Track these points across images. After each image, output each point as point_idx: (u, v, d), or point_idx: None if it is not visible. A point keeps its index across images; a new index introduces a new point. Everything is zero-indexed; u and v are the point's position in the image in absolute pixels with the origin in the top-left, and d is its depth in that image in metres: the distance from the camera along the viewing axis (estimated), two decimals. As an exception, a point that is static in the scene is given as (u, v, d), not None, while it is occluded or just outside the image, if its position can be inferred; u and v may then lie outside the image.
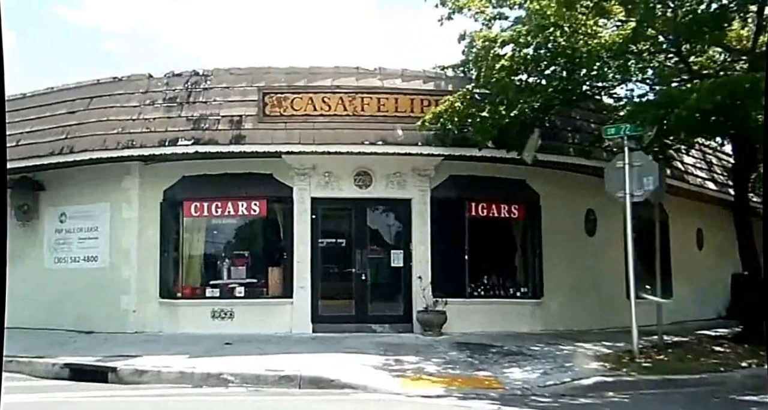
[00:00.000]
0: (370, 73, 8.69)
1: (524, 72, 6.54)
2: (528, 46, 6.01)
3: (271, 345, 7.50)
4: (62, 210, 9.91)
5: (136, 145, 8.52)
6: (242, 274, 8.97)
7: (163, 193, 9.23)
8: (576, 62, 6.08)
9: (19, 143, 9.60)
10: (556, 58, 6.01)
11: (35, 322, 9.74)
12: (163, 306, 9.05)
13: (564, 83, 6.63)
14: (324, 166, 8.77)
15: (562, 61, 6.01)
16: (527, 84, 6.81)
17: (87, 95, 9.32)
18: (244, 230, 9.37)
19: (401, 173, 8.83)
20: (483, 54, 6.47)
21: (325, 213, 8.95)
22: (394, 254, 8.88)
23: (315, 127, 8.21)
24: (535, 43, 5.96)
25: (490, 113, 6.82)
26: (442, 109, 7.16)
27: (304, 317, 8.59)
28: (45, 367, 6.74)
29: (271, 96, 8.27)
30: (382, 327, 8.64)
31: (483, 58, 6.50)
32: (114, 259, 9.26)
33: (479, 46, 6.35)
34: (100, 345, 7.90)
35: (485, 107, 6.88)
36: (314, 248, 8.75)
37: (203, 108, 8.59)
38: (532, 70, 6.55)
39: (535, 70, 6.57)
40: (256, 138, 8.24)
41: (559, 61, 6.03)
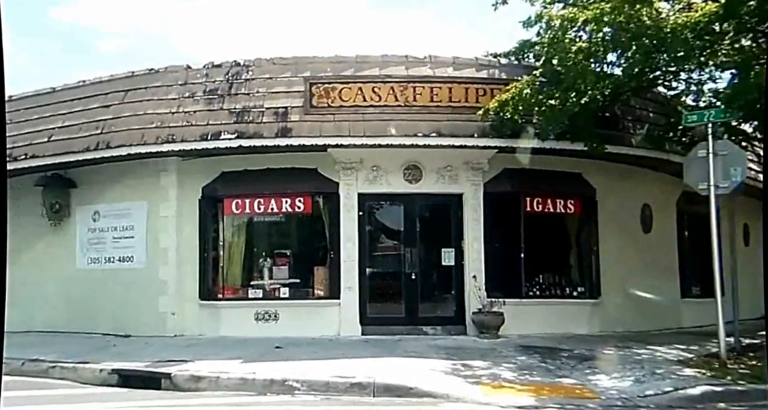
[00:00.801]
0: (420, 61, 8.34)
1: (603, 55, 6.17)
2: (611, 26, 5.64)
3: (323, 348, 7.20)
4: (95, 209, 9.67)
5: (176, 139, 8.24)
6: (286, 274, 8.67)
7: (202, 189, 8.95)
8: (658, 43, 5.69)
9: (51, 139, 9.39)
10: (638, 39, 5.63)
11: (67, 325, 9.55)
12: (204, 309, 8.78)
13: (640, 67, 6.24)
14: (371, 160, 8.44)
15: (646, 41, 5.63)
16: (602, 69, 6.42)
17: (121, 88, 9.06)
18: (287, 228, 9.07)
19: (453, 167, 8.48)
20: (559, 36, 6.11)
21: (372, 209, 8.63)
22: (444, 252, 8.53)
23: (365, 118, 7.89)
24: (617, 23, 5.58)
25: (560, 100, 6.45)
26: (509, 96, 6.80)
27: (353, 319, 8.27)
28: (92, 373, 6.48)
29: (318, 86, 7.95)
30: (434, 329, 8.30)
31: (559, 40, 6.14)
32: (151, 260, 9.00)
33: (557, 26, 5.99)
34: (143, 349, 7.65)
35: (554, 94, 6.51)
36: (361, 246, 8.42)
37: (246, 100, 8.30)
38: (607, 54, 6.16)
39: (614, 52, 6.19)
40: (303, 130, 7.93)
41: (642, 42, 5.65)
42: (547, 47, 6.48)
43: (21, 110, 10.16)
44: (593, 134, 7.21)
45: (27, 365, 7.06)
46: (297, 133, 7.92)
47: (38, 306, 9.96)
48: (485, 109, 7.27)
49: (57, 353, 7.52)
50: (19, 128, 9.94)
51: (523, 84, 6.75)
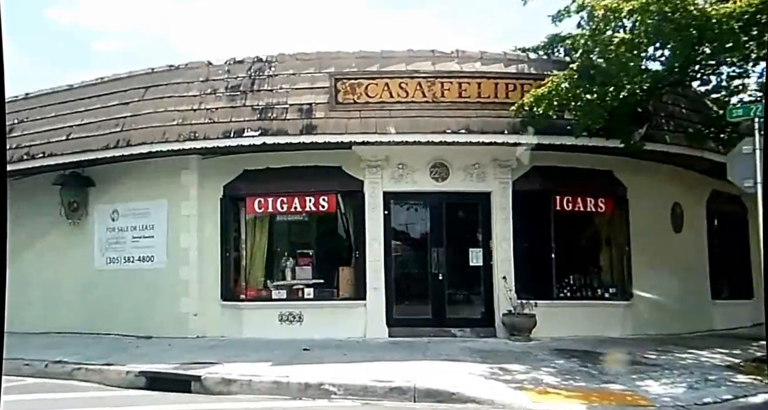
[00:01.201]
0: (447, 56, 8.18)
1: (646, 47, 5.98)
2: (656, 16, 5.45)
3: (353, 350, 7.05)
4: (114, 208, 9.57)
5: (198, 136, 8.12)
6: (309, 275, 8.53)
7: (223, 188, 8.83)
8: (703, 34, 5.50)
9: (69, 137, 9.31)
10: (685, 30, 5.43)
11: (85, 326, 9.45)
12: (226, 309, 8.67)
13: (682, 60, 6.05)
14: (397, 158, 8.29)
15: (692, 32, 5.44)
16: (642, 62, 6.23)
17: (141, 85, 8.95)
18: (310, 227, 8.93)
19: (480, 164, 8.31)
20: (601, 27, 5.93)
21: (398, 208, 8.46)
22: (472, 252, 8.37)
23: (391, 114, 7.73)
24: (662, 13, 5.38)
25: (597, 95, 6.27)
26: (545, 91, 6.62)
27: (379, 320, 8.12)
28: (118, 375, 6.37)
29: (343, 82, 7.81)
30: (462, 331, 8.14)
31: (601, 31, 5.95)
32: (172, 259, 8.89)
33: (599, 17, 5.81)
34: (167, 351, 7.54)
35: (592, 88, 6.33)
36: (387, 246, 8.27)
37: (269, 96, 8.16)
38: (651, 46, 5.96)
39: (655, 44, 6.00)
40: (328, 127, 7.79)
41: (688, 33, 5.46)
42: (587, 39, 6.28)
43: (38, 108, 10.10)
44: (630, 130, 7.02)
45: (50, 367, 6.98)
46: (322, 130, 7.78)
47: (56, 306, 9.90)
48: (519, 104, 7.09)
49: (80, 354, 7.44)
50: (36, 126, 9.89)
51: (559, 78, 6.57)
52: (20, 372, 7.07)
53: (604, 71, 6.23)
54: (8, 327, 7.59)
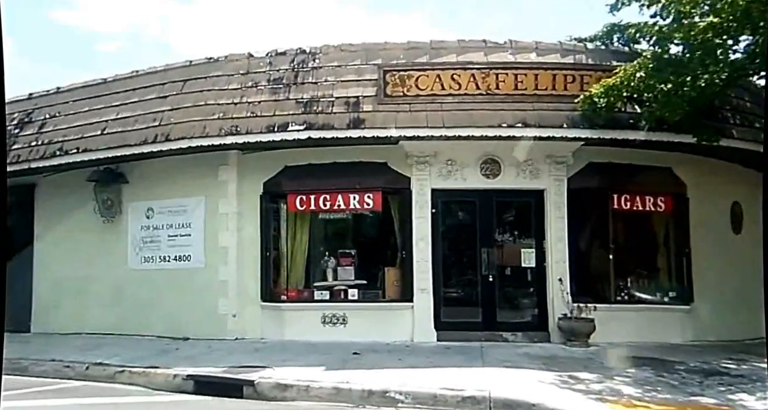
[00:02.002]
0: (500, 46, 7.90)
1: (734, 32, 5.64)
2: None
3: (405, 355, 6.80)
4: (149, 205, 9.43)
5: (240, 131, 7.93)
6: (353, 275, 8.30)
7: (263, 185, 8.64)
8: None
9: (104, 131, 9.19)
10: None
11: (119, 327, 9.31)
12: (266, 311, 8.47)
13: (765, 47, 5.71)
14: (446, 153, 8.02)
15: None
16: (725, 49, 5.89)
17: (179, 78, 8.80)
18: (355, 225, 8.70)
19: (534, 160, 8.01)
20: (686, 11, 5.62)
21: (446, 206, 8.20)
22: (525, 253, 8.07)
23: (443, 108, 7.47)
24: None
25: (675, 85, 5.95)
26: (617, 80, 6.32)
27: (427, 323, 7.86)
28: (164, 379, 6.20)
29: (392, 74, 7.56)
30: (514, 335, 7.85)
31: (686, 14, 5.63)
32: (210, 259, 8.71)
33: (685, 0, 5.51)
34: (208, 353, 7.36)
35: (668, 78, 6.01)
36: (435, 246, 8.01)
37: (313, 89, 7.95)
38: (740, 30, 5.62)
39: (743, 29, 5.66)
40: (376, 121, 7.54)
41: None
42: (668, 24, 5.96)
43: (70, 102, 10.01)
44: (703, 124, 6.68)
45: (92, 369, 6.83)
46: (370, 123, 7.54)
47: (88, 307, 9.77)
48: (587, 95, 6.79)
49: (119, 356, 7.29)
50: (69, 121, 9.79)
51: (633, 67, 6.26)
52: (61, 374, 6.94)
53: (680, 60, 5.91)
54: (36, 328, 7.48)
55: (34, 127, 10.07)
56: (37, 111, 10.28)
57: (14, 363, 7.43)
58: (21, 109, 10.53)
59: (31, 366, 7.29)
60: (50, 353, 7.78)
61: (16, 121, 10.44)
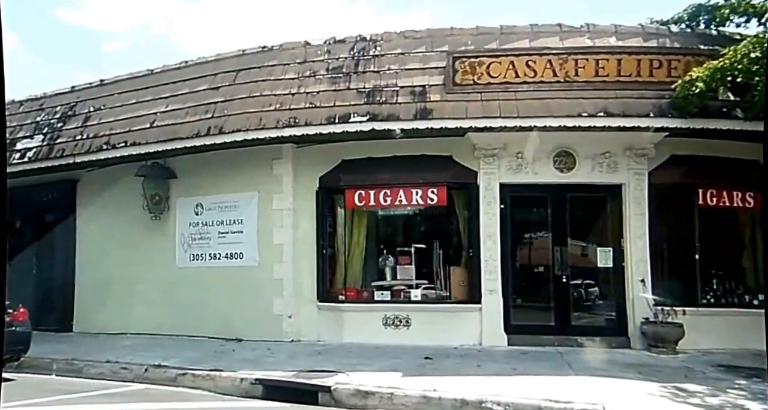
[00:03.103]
0: (576, 30, 7.53)
1: None
2: None
3: (482, 360, 6.50)
4: (198, 201, 9.29)
5: (299, 122, 7.71)
6: (418, 274, 8.04)
7: (319, 179, 8.42)
8: None
9: (153, 124, 9.07)
10: None
11: (167, 328, 9.17)
12: (323, 311, 8.25)
13: None
14: (516, 145, 7.69)
15: None
16: None
17: (231, 68, 8.62)
18: (417, 222, 8.44)
19: (611, 153, 7.63)
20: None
21: (516, 202, 7.86)
22: (601, 252, 7.70)
23: (517, 96, 7.14)
24: None
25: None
26: (725, 63, 5.93)
27: (496, 326, 7.55)
28: (231, 383, 6.01)
29: (462, 61, 7.26)
30: (590, 340, 7.49)
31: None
32: (264, 257, 8.53)
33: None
34: (269, 356, 7.17)
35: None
36: (504, 244, 7.69)
37: (376, 78, 7.69)
38: None
39: None
40: (445, 112, 7.25)
41: None
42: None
43: (115, 94, 9.92)
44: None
45: (151, 371, 6.68)
46: (438, 114, 7.25)
47: (133, 306, 9.67)
48: (687, 80, 6.39)
49: (177, 358, 7.14)
50: (115, 114, 9.70)
51: (745, 47, 5.86)
52: (119, 376, 6.81)
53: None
54: (78, 327, 7.23)
55: (78, 120, 10.02)
56: (80, 104, 10.22)
57: (69, 364, 7.36)
58: (64, 102, 10.51)
59: (86, 367, 7.20)
60: (101, 354, 7.68)
61: (59, 115, 10.42)
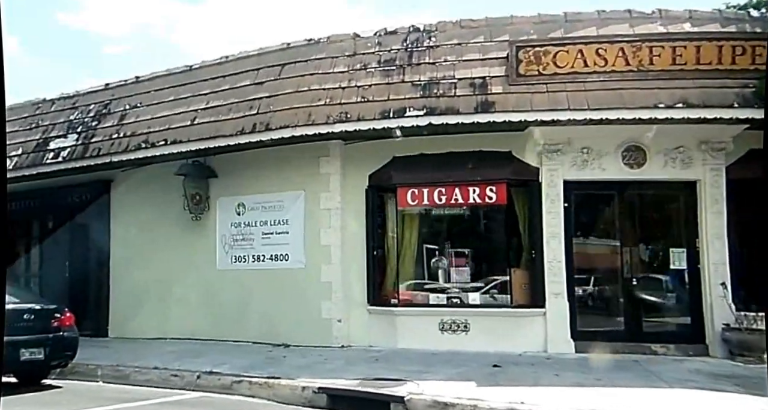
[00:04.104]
0: (647, 17, 7.20)
1: None
2: None
3: (556, 369, 6.20)
4: (239, 201, 9.12)
5: (350, 117, 7.50)
6: (474, 276, 7.78)
7: (369, 177, 8.20)
8: None
9: (194, 122, 8.93)
10: None
11: (208, 333, 9.02)
12: (374, 315, 8.02)
13: None
14: (581, 140, 7.38)
15: None
16: None
17: (276, 62, 8.44)
18: (473, 222, 8.17)
19: (685, 147, 7.28)
20: None
21: (581, 200, 7.56)
22: (674, 253, 7.35)
23: (586, 87, 6.84)
24: None
25: None
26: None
27: (563, 332, 7.25)
28: (291, 391, 5.80)
29: (526, 51, 6.98)
30: (664, 347, 7.14)
31: None
32: (311, 258, 8.33)
33: None
34: (325, 363, 6.95)
35: None
36: (568, 245, 7.38)
37: (432, 70, 7.45)
38: None
39: None
40: (508, 104, 6.98)
41: None
42: None
43: (152, 91, 9.81)
44: None
45: (204, 378, 6.50)
46: (501, 107, 6.97)
47: (172, 309, 9.55)
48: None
49: (227, 364, 6.96)
50: (153, 111, 9.57)
51: None
52: (169, 384, 6.64)
53: None
54: (114, 332, 6.95)
55: (114, 118, 9.92)
56: (115, 102, 10.13)
57: (115, 371, 7.22)
58: (97, 100, 10.43)
59: (134, 373, 7.05)
60: (146, 360, 7.53)
61: (93, 113, 10.34)
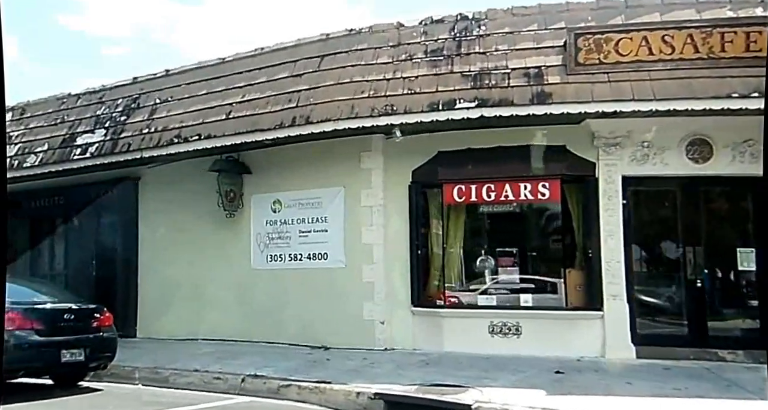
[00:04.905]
0: (715, 1, 6.87)
1: None
2: None
3: (624, 376, 5.91)
4: (275, 198, 8.92)
5: (397, 110, 7.24)
6: (524, 277, 7.50)
7: (412, 173, 7.95)
8: None
9: (229, 116, 8.73)
10: None
11: (242, 334, 8.82)
12: (418, 317, 7.77)
13: None
14: (642, 133, 7.06)
15: None
16: None
17: (315, 54, 8.22)
18: (524, 219, 7.88)
19: (755, 140, 6.91)
20: None
21: (640, 196, 7.25)
22: (741, 253, 7.00)
23: (651, 76, 6.52)
24: None
25: None
26: None
27: (622, 336, 6.94)
28: (345, 397, 5.58)
29: (586, 38, 6.68)
30: (732, 353, 6.80)
31: None
32: (351, 258, 8.10)
33: None
34: (373, 367, 6.72)
35: None
36: (627, 244, 7.07)
37: (482, 60, 7.17)
38: None
39: None
40: (566, 95, 6.68)
41: None
42: None
43: (183, 85, 9.62)
44: None
45: (249, 382, 6.30)
46: (559, 98, 6.68)
47: (204, 310, 9.36)
48: None
49: (271, 367, 6.75)
50: (185, 105, 9.39)
51: None
52: (212, 387, 6.45)
53: None
54: (142, 333, 6.66)
55: (144, 113, 9.76)
56: (144, 96, 9.97)
57: (153, 373, 7.04)
58: (126, 95, 10.28)
59: (173, 376, 6.87)
60: (184, 362, 7.36)
61: (122, 108, 10.19)
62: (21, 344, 5.45)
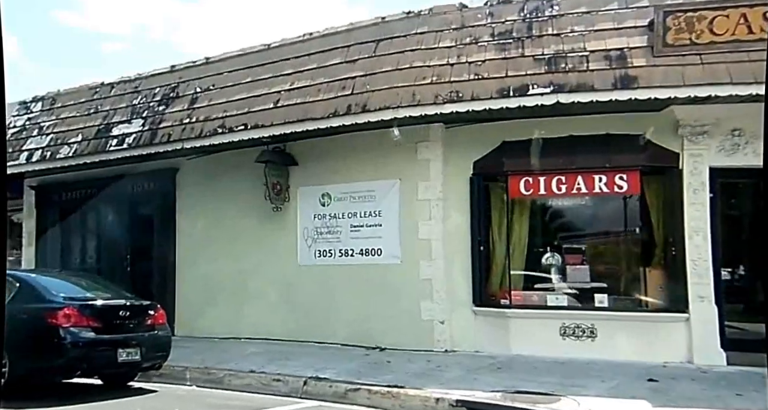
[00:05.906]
0: (817, -24, 6.33)
1: None
2: None
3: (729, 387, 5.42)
4: (324, 190, 8.53)
5: (463, 97, 6.80)
6: (598, 276, 7.03)
7: (474, 164, 7.52)
8: None
9: (278, 104, 8.34)
10: None
11: (288, 333, 8.45)
12: (481, 317, 7.35)
13: None
14: (731, 121, 6.54)
15: None
16: None
17: (370, 38, 7.79)
18: (600, 214, 7.40)
19: None
20: None
21: (729, 190, 6.75)
22: (841, 251, 6.48)
23: (751, 57, 5.99)
24: None
25: None
26: None
27: (711, 341, 6.45)
28: (423, 404, 5.20)
29: (676, 16, 6.17)
30: (830, 360, 6.29)
31: None
32: (407, 254, 7.69)
33: None
34: (439, 370, 6.32)
35: None
36: (715, 241, 6.57)
37: (556, 42, 6.69)
38: None
39: None
40: (653, 79, 6.19)
41: None
42: None
43: (225, 73, 9.25)
44: None
45: (311, 384, 5.94)
46: (646, 82, 6.18)
47: (247, 308, 9.03)
48: None
49: (332, 370, 6.39)
50: (228, 94, 9.01)
51: None
52: (271, 389, 6.10)
53: None
54: (180, 331, 6.14)
55: (183, 102, 9.41)
56: (183, 85, 9.62)
57: (205, 374, 6.71)
58: (163, 83, 9.94)
59: (227, 377, 6.54)
60: (232, 362, 7.05)
61: (160, 97, 9.86)
62: (77, 342, 5.15)
